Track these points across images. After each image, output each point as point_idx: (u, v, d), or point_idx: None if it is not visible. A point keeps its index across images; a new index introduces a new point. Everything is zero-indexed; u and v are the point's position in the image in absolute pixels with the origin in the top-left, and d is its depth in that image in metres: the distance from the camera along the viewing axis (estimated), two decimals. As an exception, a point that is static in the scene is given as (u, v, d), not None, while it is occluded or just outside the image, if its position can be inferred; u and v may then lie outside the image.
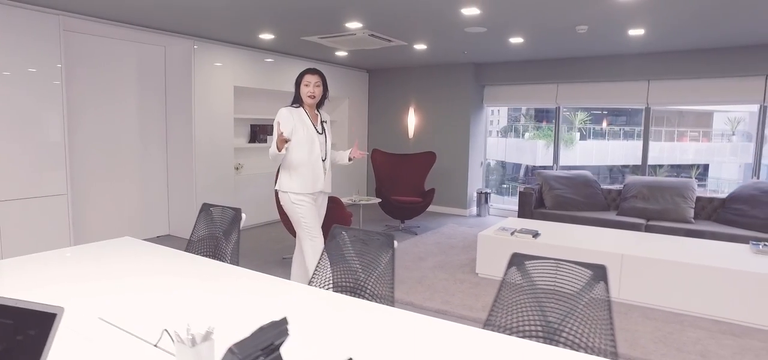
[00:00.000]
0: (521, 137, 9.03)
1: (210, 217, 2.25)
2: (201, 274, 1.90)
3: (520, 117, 9.16)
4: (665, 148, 8.70)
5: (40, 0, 3.72)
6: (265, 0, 3.71)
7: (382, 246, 1.84)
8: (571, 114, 8.72)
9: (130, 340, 1.30)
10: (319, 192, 3.04)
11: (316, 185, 2.99)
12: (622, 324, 3.20)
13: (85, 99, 4.60)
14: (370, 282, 1.83)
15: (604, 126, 9.05)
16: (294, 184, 2.95)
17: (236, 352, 0.94)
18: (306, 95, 2.95)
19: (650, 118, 6.16)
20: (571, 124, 8.81)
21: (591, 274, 1.53)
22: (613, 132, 8.97)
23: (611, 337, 1.45)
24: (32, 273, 1.87)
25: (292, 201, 2.96)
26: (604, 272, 1.51)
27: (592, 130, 8.98)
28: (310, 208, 2.98)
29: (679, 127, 8.56)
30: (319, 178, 2.99)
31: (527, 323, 1.57)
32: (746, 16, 3.97)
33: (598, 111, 8.71)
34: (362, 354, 1.25)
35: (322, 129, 3.04)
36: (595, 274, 1.53)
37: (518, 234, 4.02)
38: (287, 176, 2.97)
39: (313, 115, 3.04)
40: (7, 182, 3.76)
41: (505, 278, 1.62)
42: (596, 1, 3.52)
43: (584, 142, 8.93)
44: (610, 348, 1.43)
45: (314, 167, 2.96)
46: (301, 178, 2.94)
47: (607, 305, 1.48)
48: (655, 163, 8.51)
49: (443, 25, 4.47)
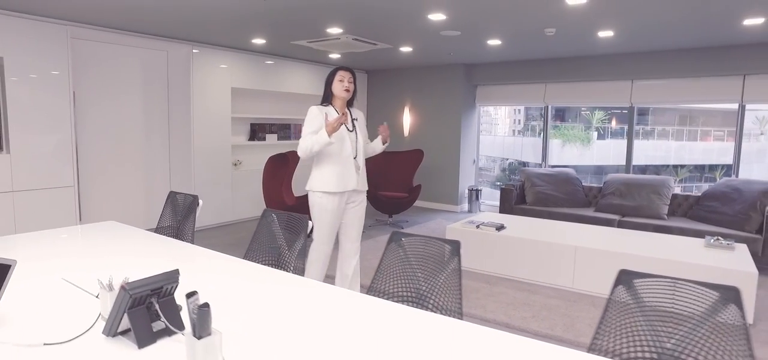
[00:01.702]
0: (538, 136, 9.06)
1: (175, 203, 2.59)
2: (159, 251, 2.25)
3: (537, 116, 9.15)
4: (686, 148, 8.52)
5: (50, 12, 4.17)
6: (253, 8, 4.05)
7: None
8: (590, 113, 8.66)
9: (79, 293, 1.65)
10: (351, 191, 2.99)
11: (347, 184, 2.93)
12: (568, 311, 3.43)
13: (92, 100, 5.05)
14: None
15: (613, 125, 8.90)
16: (324, 183, 2.90)
17: (127, 289, 1.27)
18: (341, 90, 2.92)
19: (640, 117, 6.28)
20: (589, 123, 8.71)
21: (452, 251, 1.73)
22: (637, 132, 8.72)
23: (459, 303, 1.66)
24: (25, 246, 2.25)
25: (318, 202, 2.93)
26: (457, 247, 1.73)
27: (610, 130, 8.82)
28: (333, 212, 2.94)
29: (703, 126, 8.24)
30: (350, 176, 2.94)
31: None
32: (715, 22, 4.12)
33: (617, 110, 8.43)
34: (277, 320, 1.56)
35: (353, 127, 3.01)
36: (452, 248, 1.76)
37: (483, 227, 4.27)
38: (318, 175, 2.93)
39: (343, 111, 3.00)
40: (22, 174, 4.23)
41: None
42: (553, 4, 3.73)
43: (602, 141, 8.89)
44: (456, 309, 1.67)
45: (345, 166, 2.91)
46: (331, 177, 2.89)
47: (458, 275, 1.69)
48: (677, 163, 8.28)
49: (418, 30, 4.74)
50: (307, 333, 1.40)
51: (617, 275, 1.45)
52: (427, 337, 1.37)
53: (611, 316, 1.42)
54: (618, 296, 1.43)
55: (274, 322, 1.47)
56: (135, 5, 3.94)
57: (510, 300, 3.61)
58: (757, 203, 4.55)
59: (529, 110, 8.94)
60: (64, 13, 4.21)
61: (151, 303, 1.33)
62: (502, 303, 3.55)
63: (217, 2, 3.83)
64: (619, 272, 1.45)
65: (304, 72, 7.09)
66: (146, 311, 1.32)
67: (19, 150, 4.21)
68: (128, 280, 1.29)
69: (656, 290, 1.38)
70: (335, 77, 2.96)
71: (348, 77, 2.95)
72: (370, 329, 1.43)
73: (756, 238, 4.39)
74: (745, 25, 4.24)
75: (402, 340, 1.36)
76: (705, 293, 1.32)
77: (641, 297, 1.39)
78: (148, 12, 4.17)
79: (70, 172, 4.55)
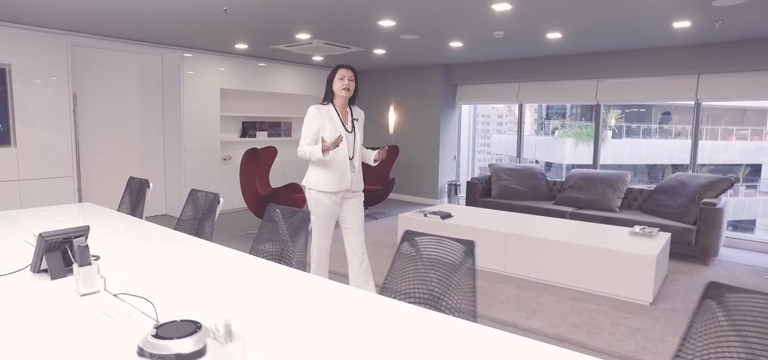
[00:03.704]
0: (551, 135, 9.19)
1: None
2: (113, 223, 2.75)
3: (553, 115, 9.10)
4: (707, 147, 8.26)
5: (51, 23, 4.76)
6: (221, 18, 4.55)
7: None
8: (606, 112, 8.49)
9: (30, 249, 2.15)
10: (346, 190, 3.00)
11: (342, 184, 2.95)
12: (493, 291, 3.80)
13: (92, 100, 5.66)
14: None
15: (623, 123, 8.55)
16: (320, 181, 2.93)
17: (43, 236, 1.75)
18: (341, 88, 2.92)
19: (663, 116, 6.28)
20: (605, 122, 8.48)
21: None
22: (649, 130, 8.56)
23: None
24: (20, 219, 2.79)
25: (314, 197, 2.98)
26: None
27: (627, 128, 8.65)
28: (330, 208, 2.98)
29: (726, 125, 7.83)
30: (346, 176, 2.95)
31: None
32: (627, 30, 4.41)
33: (635, 108, 8.34)
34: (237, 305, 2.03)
35: (352, 127, 3.01)
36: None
37: (430, 215, 4.67)
38: (314, 173, 2.97)
39: (344, 112, 3.01)
40: (26, 166, 4.85)
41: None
42: (482, 9, 4.09)
43: (618, 140, 8.62)
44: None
45: (341, 166, 2.93)
46: (327, 176, 2.92)
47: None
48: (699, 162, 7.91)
49: (377, 34, 5.16)
50: (304, 330, 1.38)
51: (403, 234, 1.84)
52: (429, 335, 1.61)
53: (398, 265, 1.81)
54: (403, 249, 1.81)
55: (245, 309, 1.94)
56: (126, 16, 4.49)
57: (443, 279, 4.01)
58: (696, 196, 4.80)
59: (550, 109, 8.92)
60: (64, 24, 4.80)
61: (65, 249, 1.82)
62: (435, 282, 3.95)
63: (194, 13, 4.34)
64: (404, 232, 1.84)
65: (292, 74, 7.58)
66: (60, 254, 1.81)
67: (24, 144, 4.84)
68: (43, 232, 1.77)
69: (429, 246, 1.76)
70: (336, 75, 2.95)
71: (348, 76, 2.94)
72: (370, 326, 1.47)
73: (691, 228, 4.64)
74: (674, 27, 4.51)
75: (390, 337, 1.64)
76: (455, 246, 1.70)
77: (421, 251, 1.78)
78: (139, 22, 4.71)
79: (70, 164, 5.16)
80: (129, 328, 1.35)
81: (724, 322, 1.18)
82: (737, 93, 5.42)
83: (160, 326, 1.27)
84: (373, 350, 1.27)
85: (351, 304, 1.61)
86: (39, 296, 1.61)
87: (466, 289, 1.58)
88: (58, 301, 1.56)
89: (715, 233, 4.52)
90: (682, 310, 3.41)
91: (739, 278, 4.20)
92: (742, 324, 1.16)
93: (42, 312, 1.48)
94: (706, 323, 1.20)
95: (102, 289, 1.66)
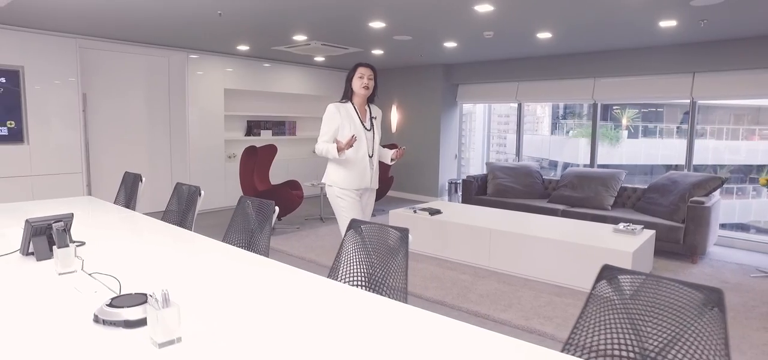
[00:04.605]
0: (565, 135, 9.15)
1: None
2: (111, 219, 2.96)
3: (567, 115, 9.03)
4: (730, 148, 8.01)
5: (61, 27, 5.03)
6: (225, 20, 4.75)
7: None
8: (620, 111, 8.43)
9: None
10: (365, 189, 3.06)
11: (362, 182, 3.00)
12: (474, 285, 3.91)
13: (102, 100, 5.93)
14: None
15: (640, 123, 8.32)
16: (340, 179, 2.97)
17: (29, 221, 1.94)
18: (360, 87, 2.95)
19: (686, 115, 6.22)
20: (619, 122, 8.27)
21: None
22: (667, 130, 8.27)
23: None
24: (26, 208, 3.02)
25: (336, 194, 3.00)
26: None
27: (644, 128, 8.45)
28: (352, 203, 2.99)
29: (748, 125, 7.54)
30: (365, 174, 2.99)
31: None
32: (614, 29, 4.46)
33: (651, 108, 8.18)
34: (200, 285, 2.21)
35: (371, 125, 3.05)
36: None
37: (420, 211, 4.79)
38: (334, 171, 3.00)
39: (363, 110, 3.03)
40: (39, 162, 5.14)
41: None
42: (464, 11, 4.19)
43: (634, 140, 8.42)
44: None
45: (361, 164, 2.97)
46: (348, 174, 2.95)
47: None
48: (716, 163, 7.75)
49: (371, 36, 5.30)
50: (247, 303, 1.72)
51: (349, 223, 1.98)
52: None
53: (347, 248, 1.95)
54: (349, 236, 1.96)
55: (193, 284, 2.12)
56: (133, 20, 4.73)
57: (428, 274, 4.13)
58: (686, 195, 4.82)
59: (566, 108, 8.83)
60: (74, 28, 5.06)
61: (50, 234, 2.01)
62: (420, 276, 4.07)
63: (192, 17, 4.55)
64: (350, 221, 1.99)
65: (296, 74, 7.78)
66: (46, 239, 2.00)
67: (37, 142, 5.12)
68: (31, 218, 1.97)
69: (371, 233, 1.90)
70: (355, 74, 2.97)
71: (368, 74, 2.96)
72: (292, 296, 1.73)
73: (680, 226, 4.67)
74: (660, 26, 4.55)
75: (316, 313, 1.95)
76: (392, 233, 1.84)
77: (365, 238, 1.92)
78: (145, 25, 4.95)
79: (80, 160, 5.44)
80: (93, 301, 1.53)
81: (615, 299, 1.29)
82: (732, 92, 5.41)
83: (115, 297, 1.44)
84: (294, 318, 1.42)
85: (287, 280, 1.76)
86: (23, 275, 1.80)
87: (400, 270, 1.71)
88: (38, 280, 1.75)
89: (703, 231, 4.54)
90: (657, 305, 3.47)
91: (724, 275, 4.22)
92: (628, 300, 1.27)
93: (23, 288, 1.66)
94: (600, 300, 1.32)
95: (79, 269, 1.84)
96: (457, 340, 1.30)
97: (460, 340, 1.29)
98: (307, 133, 8.19)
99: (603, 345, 1.26)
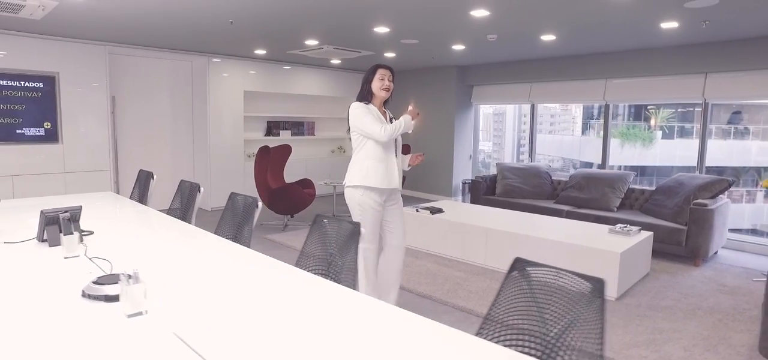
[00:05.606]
0: (597, 135, 9.00)
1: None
2: (123, 213, 3.26)
3: (598, 115, 8.86)
4: (764, 148, 7.63)
5: (93, 35, 5.46)
6: (239, 26, 5.04)
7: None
8: (654, 111, 8.18)
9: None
10: (393, 189, 2.93)
11: (391, 181, 2.87)
12: (467, 282, 4.04)
13: (129, 102, 6.36)
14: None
15: (675, 124, 8.12)
16: (369, 179, 2.82)
17: (44, 211, 2.23)
18: (381, 89, 2.88)
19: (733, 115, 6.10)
20: (653, 122, 7.93)
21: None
22: (709, 131, 7.65)
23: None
24: (47, 200, 3.37)
25: (361, 195, 2.84)
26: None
27: (680, 129, 8.04)
28: (375, 210, 2.86)
29: None
30: (393, 174, 2.89)
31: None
32: (614, 31, 4.47)
33: (689, 107, 7.58)
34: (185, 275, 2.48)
35: None
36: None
37: (422, 210, 4.94)
38: (361, 171, 2.84)
39: (382, 112, 2.96)
40: (71, 160, 5.59)
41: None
42: (461, 15, 4.31)
43: (668, 140, 8.06)
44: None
45: (390, 163, 2.87)
46: (377, 174, 2.82)
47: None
48: (758, 165, 7.16)
49: (379, 40, 5.48)
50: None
51: (314, 219, 2.17)
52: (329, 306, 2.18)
53: (312, 238, 2.15)
54: (314, 229, 2.16)
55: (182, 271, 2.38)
56: (157, 28, 5.09)
57: (423, 270, 4.28)
58: (691, 197, 4.78)
59: (588, 109, 8.76)
60: (104, 36, 5.48)
61: (60, 224, 2.29)
62: (415, 272, 4.23)
63: (208, 25, 4.86)
64: (315, 216, 2.18)
65: (314, 76, 8.05)
66: (58, 227, 2.28)
67: (69, 141, 5.57)
68: (45, 209, 2.26)
69: (332, 227, 2.09)
70: (375, 75, 2.89)
71: (388, 76, 2.90)
72: (250, 280, 2.24)
73: (683, 229, 4.63)
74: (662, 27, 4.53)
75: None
76: (346, 226, 2.03)
77: (328, 231, 2.12)
78: (168, 33, 5.31)
79: (108, 158, 5.87)
80: (85, 280, 1.78)
81: (526, 287, 1.44)
82: (745, 92, 5.30)
83: (101, 276, 1.69)
84: (257, 299, 1.63)
85: (259, 269, 1.97)
86: (35, 258, 2.08)
87: (352, 264, 1.90)
88: (46, 262, 2.02)
89: (706, 234, 4.50)
90: (645, 306, 3.52)
91: (724, 278, 4.18)
92: (536, 289, 1.42)
93: (32, 269, 1.94)
94: (512, 289, 1.46)
95: (82, 254, 2.11)
96: (415, 335, 1.47)
97: (415, 335, 1.46)
98: (326, 134, 8.45)
99: (513, 321, 1.41)
